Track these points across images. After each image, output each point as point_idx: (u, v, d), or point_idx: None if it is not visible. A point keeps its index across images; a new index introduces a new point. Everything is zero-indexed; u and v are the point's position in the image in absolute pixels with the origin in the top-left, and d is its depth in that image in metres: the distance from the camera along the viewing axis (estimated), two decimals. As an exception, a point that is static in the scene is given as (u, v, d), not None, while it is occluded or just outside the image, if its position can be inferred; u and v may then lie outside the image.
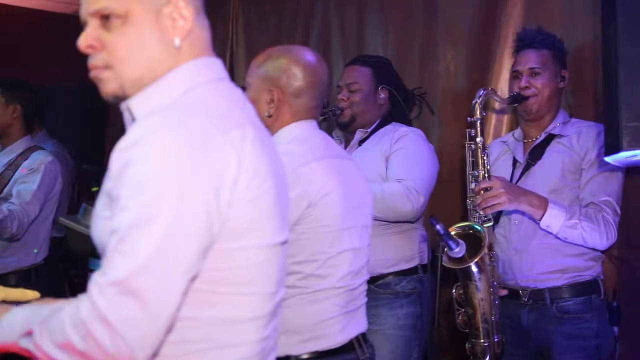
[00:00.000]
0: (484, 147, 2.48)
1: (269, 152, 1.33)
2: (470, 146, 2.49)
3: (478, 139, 2.48)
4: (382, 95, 2.89)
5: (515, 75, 2.59)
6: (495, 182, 2.40)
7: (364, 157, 2.76)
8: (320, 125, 2.59)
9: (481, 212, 2.43)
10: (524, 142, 2.62)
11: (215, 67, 1.36)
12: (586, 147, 2.44)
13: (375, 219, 2.52)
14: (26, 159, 3.38)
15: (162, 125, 1.18)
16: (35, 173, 3.32)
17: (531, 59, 2.54)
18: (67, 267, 4.03)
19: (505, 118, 3.16)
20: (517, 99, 2.54)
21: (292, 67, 1.94)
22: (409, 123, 2.94)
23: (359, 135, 2.88)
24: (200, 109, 1.23)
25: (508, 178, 2.57)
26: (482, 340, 2.39)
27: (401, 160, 2.70)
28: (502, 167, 2.64)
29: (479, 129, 2.48)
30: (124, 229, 1.13)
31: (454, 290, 2.43)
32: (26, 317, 1.25)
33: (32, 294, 1.63)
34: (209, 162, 1.18)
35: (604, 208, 2.37)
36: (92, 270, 4.00)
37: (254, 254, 1.28)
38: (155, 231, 1.12)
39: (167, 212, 1.13)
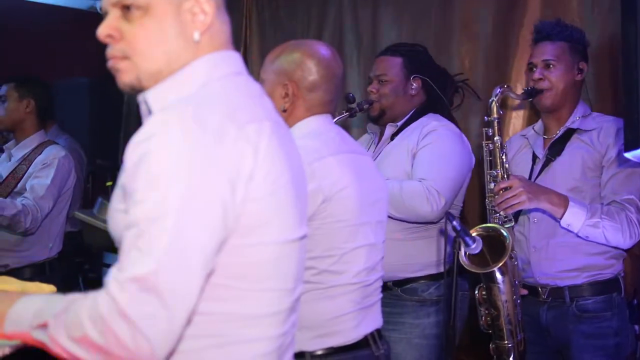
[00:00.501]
0: (502, 147, 2.44)
1: (287, 147, 1.32)
2: (488, 145, 2.45)
3: (496, 138, 2.43)
4: (415, 85, 2.73)
5: (530, 67, 2.56)
6: (514, 181, 2.36)
7: (392, 152, 2.68)
8: (350, 120, 2.50)
9: (501, 213, 2.39)
10: (543, 137, 2.58)
11: (233, 61, 1.35)
12: (607, 144, 2.41)
13: (394, 217, 2.50)
14: (40, 154, 3.39)
15: (176, 118, 1.17)
16: (48, 168, 3.33)
17: (546, 51, 2.50)
18: (81, 261, 4.05)
19: (523, 114, 3.14)
20: (531, 93, 2.50)
21: (307, 61, 1.93)
22: (449, 113, 2.78)
23: (389, 130, 2.76)
24: (216, 102, 1.23)
25: (527, 173, 2.54)
26: (506, 342, 2.37)
27: (425, 158, 2.58)
28: (521, 162, 2.61)
29: (496, 128, 2.44)
30: (140, 224, 1.12)
31: (476, 292, 2.39)
32: (39, 307, 1.24)
33: (48, 288, 1.64)
34: (224, 156, 1.17)
35: (627, 206, 2.33)
36: (107, 265, 4.05)
37: (270, 249, 1.27)
38: (171, 226, 1.11)
39: (183, 207, 1.12)
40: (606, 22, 2.81)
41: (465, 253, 2.25)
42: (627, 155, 1.91)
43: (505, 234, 2.31)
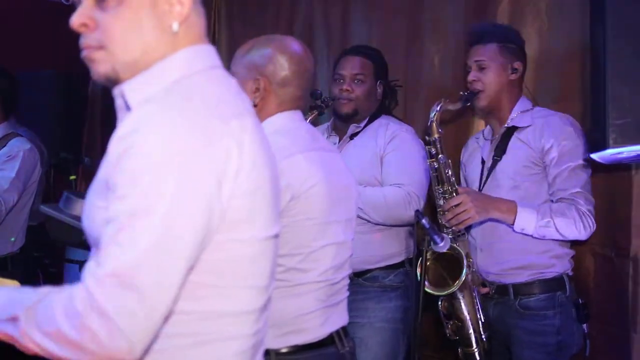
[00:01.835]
0: (447, 164, 2.50)
1: (265, 143, 1.31)
2: (432, 164, 2.51)
3: (440, 156, 2.50)
4: (379, 90, 2.89)
5: (467, 70, 2.61)
6: (462, 197, 2.43)
7: (356, 152, 2.75)
8: (318, 116, 2.57)
9: (454, 229, 2.46)
10: (490, 139, 2.64)
11: (210, 54, 1.33)
12: (541, 142, 2.45)
13: (376, 223, 2.66)
14: (4, 146, 3.31)
15: (161, 112, 1.15)
16: (13, 160, 3.26)
17: (478, 53, 2.56)
18: (41, 256, 3.97)
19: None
20: (468, 98, 2.55)
21: (278, 56, 1.91)
22: (391, 114, 2.93)
23: (352, 129, 2.86)
24: (198, 97, 1.21)
25: (478, 177, 2.61)
26: (473, 348, 2.48)
27: (397, 163, 2.71)
28: (472, 167, 2.69)
29: (439, 146, 2.49)
30: (122, 219, 1.09)
31: (439, 303, 2.49)
32: (6, 300, 1.20)
33: (11, 283, 1.60)
34: (210, 151, 1.15)
35: (576, 200, 2.40)
36: (69, 260, 3.97)
37: (249, 246, 1.25)
38: (154, 222, 1.09)
39: (167, 203, 1.10)
40: (574, 24, 2.83)
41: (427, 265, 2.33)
42: (594, 156, 1.94)
43: (461, 252, 2.39)
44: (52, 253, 3.95)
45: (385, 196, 2.57)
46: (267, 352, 1.81)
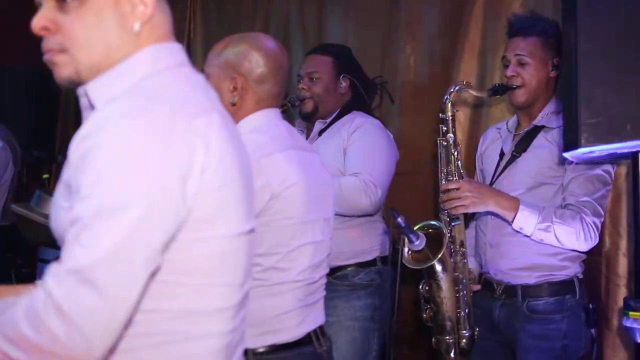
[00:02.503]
0: (455, 144, 2.44)
1: (234, 139, 1.30)
2: (441, 143, 2.45)
3: (449, 135, 2.43)
4: (343, 84, 2.88)
5: (504, 63, 2.53)
6: (461, 184, 2.38)
7: (322, 148, 2.75)
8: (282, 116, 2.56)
9: (448, 211, 2.41)
10: (514, 133, 2.57)
11: (176, 52, 1.32)
12: None
13: (336, 213, 2.54)
14: (-25, 145, 3.26)
15: (124, 112, 1.14)
16: (-17, 160, 3.21)
17: (518, 46, 2.45)
18: (13, 256, 3.92)
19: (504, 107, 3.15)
20: (498, 90, 2.47)
21: (253, 53, 1.90)
22: (370, 112, 2.92)
23: (318, 125, 2.87)
24: (162, 95, 1.19)
25: (493, 168, 2.55)
26: (446, 337, 2.39)
27: (358, 153, 2.70)
28: (490, 156, 2.62)
29: (450, 125, 2.44)
30: (85, 218, 1.08)
31: (420, 287, 2.41)
32: None
33: None
34: (174, 150, 1.14)
35: (583, 209, 2.31)
36: (41, 260, 3.91)
37: (219, 243, 1.25)
38: (117, 221, 1.08)
39: (130, 202, 1.09)
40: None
41: (408, 250, 2.27)
42: (566, 155, 1.95)
43: (443, 229, 2.33)
44: (25, 253, 3.90)
45: (340, 185, 2.53)
46: (245, 352, 1.80)
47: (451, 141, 2.44)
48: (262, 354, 1.84)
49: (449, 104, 2.44)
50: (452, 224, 2.43)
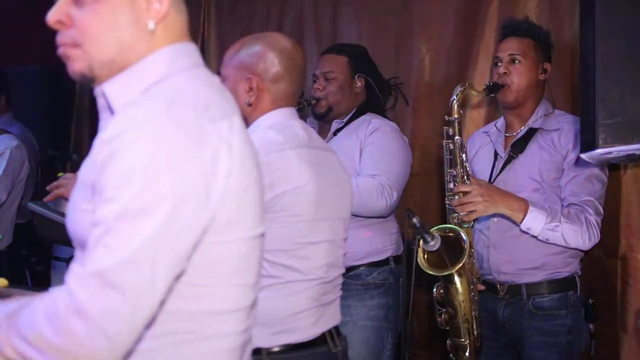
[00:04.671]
0: (462, 146, 2.43)
1: (250, 142, 1.30)
2: (447, 145, 2.44)
3: (456, 138, 2.42)
4: (359, 84, 2.87)
5: (495, 62, 2.55)
6: (473, 187, 2.36)
7: (338, 147, 2.71)
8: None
9: (460, 215, 2.39)
10: (505, 134, 2.59)
11: (192, 53, 1.32)
12: (567, 147, 2.42)
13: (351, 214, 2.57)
14: (-9, 143, 3.29)
15: (149, 114, 1.13)
16: (0, 158, 3.23)
17: (512, 46, 2.49)
18: (28, 254, 3.95)
19: (484, 112, 3.15)
20: (492, 88, 2.49)
21: (268, 53, 1.90)
22: (384, 113, 2.92)
23: (335, 125, 2.87)
24: (184, 97, 1.19)
25: (488, 170, 2.55)
26: (463, 339, 2.41)
27: (374, 155, 2.70)
28: (483, 159, 2.62)
29: (457, 127, 2.43)
30: (110, 221, 1.07)
31: (434, 290, 2.42)
32: None
33: (0, 281, 1.58)
34: (200, 153, 1.14)
35: (586, 208, 2.34)
36: (56, 258, 3.93)
37: (239, 245, 1.25)
38: (143, 224, 1.07)
39: (156, 206, 1.08)
40: (564, 23, 2.85)
41: (423, 251, 2.26)
42: (583, 156, 1.94)
43: (463, 236, 2.32)
44: (40, 251, 3.92)
45: (357, 185, 2.53)
46: (259, 351, 1.81)
47: (458, 143, 2.43)
48: (277, 354, 1.84)
49: (456, 106, 2.44)
50: (465, 226, 2.42)
